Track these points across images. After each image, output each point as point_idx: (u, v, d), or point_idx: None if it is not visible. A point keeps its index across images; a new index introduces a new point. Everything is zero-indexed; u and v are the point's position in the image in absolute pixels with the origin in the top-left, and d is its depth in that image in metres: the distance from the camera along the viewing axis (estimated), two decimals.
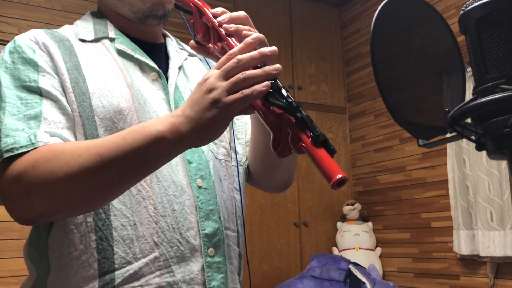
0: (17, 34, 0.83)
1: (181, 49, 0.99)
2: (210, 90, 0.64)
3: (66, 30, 0.89)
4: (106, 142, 0.68)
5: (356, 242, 3.40)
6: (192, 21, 0.81)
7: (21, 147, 0.71)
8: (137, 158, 0.67)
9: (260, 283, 3.28)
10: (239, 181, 0.97)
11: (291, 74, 3.69)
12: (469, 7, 0.57)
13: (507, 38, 0.55)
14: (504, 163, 2.59)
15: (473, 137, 0.59)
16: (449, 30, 0.70)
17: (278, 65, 0.65)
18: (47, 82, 0.78)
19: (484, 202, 2.68)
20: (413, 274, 3.24)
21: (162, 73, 0.88)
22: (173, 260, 0.78)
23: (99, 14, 0.94)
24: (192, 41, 0.80)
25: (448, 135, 0.63)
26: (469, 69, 2.35)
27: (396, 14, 0.66)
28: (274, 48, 0.67)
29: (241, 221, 0.94)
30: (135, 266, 0.76)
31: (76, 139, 0.78)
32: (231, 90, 0.63)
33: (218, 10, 0.77)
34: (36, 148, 0.71)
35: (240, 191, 0.95)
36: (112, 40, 0.88)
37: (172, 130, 0.65)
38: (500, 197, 2.64)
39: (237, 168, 0.97)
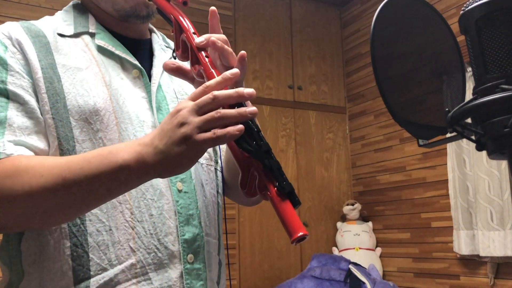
0: None
1: (166, 46, 0.96)
2: (182, 124, 0.62)
3: (45, 23, 0.84)
4: (71, 163, 0.66)
5: (356, 242, 3.40)
6: (172, 34, 0.78)
7: None
8: (99, 184, 0.65)
9: (260, 283, 3.28)
10: (223, 186, 0.94)
11: (291, 74, 3.69)
12: (469, 7, 0.57)
13: (507, 38, 0.55)
14: (504, 163, 2.59)
15: (473, 137, 0.59)
16: (449, 30, 0.70)
17: (254, 109, 0.63)
18: (16, 83, 0.74)
19: (484, 202, 2.68)
20: (413, 274, 3.24)
21: (144, 70, 0.85)
22: (150, 267, 0.75)
23: (82, 7, 0.89)
24: (167, 61, 0.76)
25: (448, 135, 0.63)
26: (469, 69, 2.35)
27: (396, 14, 0.66)
28: (252, 90, 0.64)
29: (221, 227, 0.91)
30: (110, 273, 0.73)
31: (48, 142, 0.75)
32: (203, 127, 0.61)
33: (202, 39, 0.72)
34: None
35: (222, 195, 0.93)
36: (92, 35, 0.85)
37: (138, 160, 0.64)
38: (500, 197, 2.64)
39: (222, 173, 0.95)
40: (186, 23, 0.75)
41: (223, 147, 0.96)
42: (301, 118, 3.69)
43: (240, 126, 0.61)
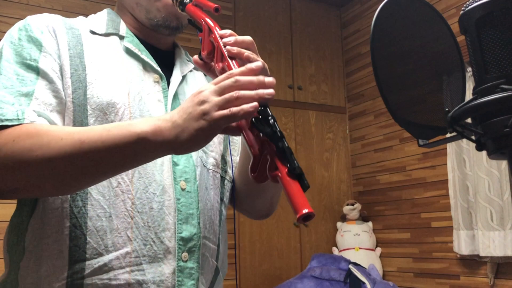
0: None
1: (188, 60, 1.00)
2: (202, 102, 0.65)
3: (79, 21, 0.90)
4: (90, 131, 0.69)
5: (356, 242, 3.40)
6: (200, 38, 0.83)
7: (7, 119, 0.71)
8: (115, 152, 0.68)
9: (260, 283, 3.28)
10: (233, 196, 0.96)
11: (291, 74, 3.69)
12: (469, 7, 0.58)
13: (507, 38, 0.55)
14: (504, 163, 2.59)
15: (473, 137, 0.59)
16: (449, 30, 0.70)
17: (272, 90, 0.67)
18: (47, 63, 0.79)
19: (484, 202, 2.68)
20: (413, 274, 3.24)
21: (164, 76, 0.90)
22: (145, 258, 0.78)
23: (115, 14, 0.96)
24: (195, 56, 0.82)
25: (448, 135, 0.63)
26: (469, 69, 2.35)
27: (396, 14, 0.66)
28: (272, 79, 0.68)
29: (224, 236, 0.93)
30: (105, 258, 0.76)
31: (64, 124, 0.78)
32: (222, 107, 0.64)
33: (227, 32, 0.78)
34: (21, 124, 0.71)
35: (226, 204, 0.95)
36: (121, 38, 0.90)
37: (155, 133, 0.66)
38: (500, 197, 2.64)
39: (232, 183, 0.97)
40: (215, 26, 0.80)
41: (235, 158, 0.99)
42: (301, 118, 3.69)
43: (255, 104, 0.64)
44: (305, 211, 0.58)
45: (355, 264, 2.95)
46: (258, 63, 0.70)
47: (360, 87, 3.78)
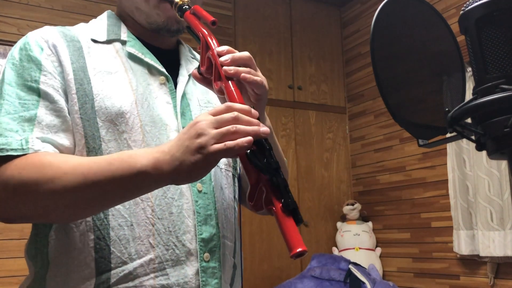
0: (17, 34, 0.85)
1: (192, 58, 1.00)
2: (199, 135, 0.66)
3: (80, 30, 0.90)
4: (93, 164, 0.71)
5: (356, 242, 3.40)
6: (199, 50, 0.83)
7: (12, 149, 0.72)
8: (117, 186, 0.70)
9: (260, 283, 3.28)
10: (239, 192, 0.97)
11: (291, 74, 3.69)
12: (469, 7, 0.58)
13: (507, 38, 0.55)
14: (504, 163, 2.59)
15: (473, 137, 0.59)
16: (449, 30, 0.70)
17: (266, 129, 0.68)
18: (47, 83, 0.79)
19: (484, 202, 2.68)
20: (413, 274, 3.24)
21: (170, 77, 0.90)
22: (168, 263, 0.79)
23: (115, 17, 0.95)
24: (195, 70, 0.82)
25: (448, 135, 0.63)
26: (469, 69, 2.35)
27: (396, 14, 0.66)
28: (267, 129, 0.69)
29: (238, 233, 0.94)
30: (130, 266, 0.77)
31: (73, 140, 0.79)
32: (218, 140, 0.65)
33: (224, 49, 0.78)
34: (26, 154, 0.72)
35: (238, 201, 0.96)
36: (124, 43, 0.90)
37: (155, 166, 0.68)
38: (500, 197, 2.64)
39: (239, 179, 0.98)
40: (213, 42, 0.80)
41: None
42: (301, 118, 3.69)
43: (249, 138, 0.65)
44: (298, 250, 0.60)
45: (355, 264, 2.95)
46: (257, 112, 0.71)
47: (360, 87, 3.78)
